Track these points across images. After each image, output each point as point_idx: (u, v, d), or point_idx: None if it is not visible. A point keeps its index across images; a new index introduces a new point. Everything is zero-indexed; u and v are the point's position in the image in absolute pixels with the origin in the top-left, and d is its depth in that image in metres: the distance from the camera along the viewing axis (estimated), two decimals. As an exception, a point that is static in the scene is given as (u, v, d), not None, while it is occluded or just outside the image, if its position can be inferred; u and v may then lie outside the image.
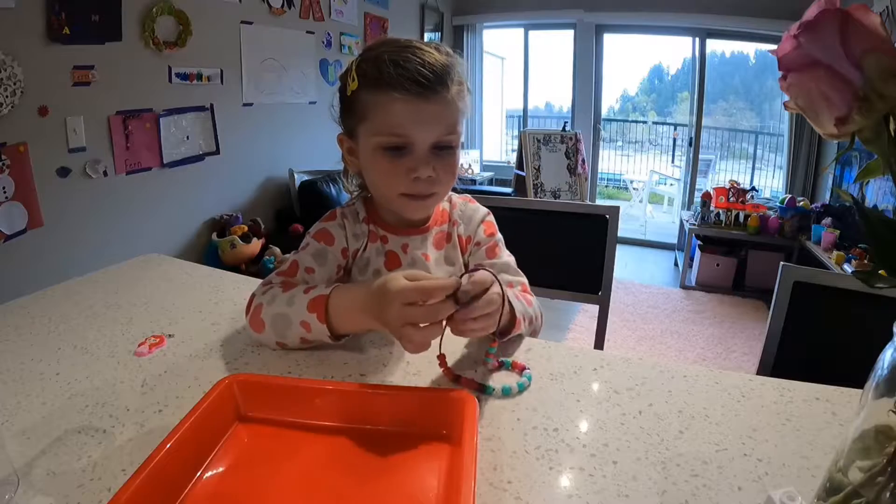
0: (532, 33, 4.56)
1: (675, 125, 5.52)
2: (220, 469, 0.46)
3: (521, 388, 0.58)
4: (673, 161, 5.45)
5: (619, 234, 1.20)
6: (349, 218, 0.78)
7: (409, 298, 0.53)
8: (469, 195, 0.88)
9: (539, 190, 3.92)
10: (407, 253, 0.79)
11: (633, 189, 5.80)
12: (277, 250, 2.44)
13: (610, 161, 6.03)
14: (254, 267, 2.38)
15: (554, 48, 4.63)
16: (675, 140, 5.38)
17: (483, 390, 0.58)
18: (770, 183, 4.81)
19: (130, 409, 0.55)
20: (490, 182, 4.59)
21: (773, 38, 3.59)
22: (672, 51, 6.44)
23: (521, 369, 0.63)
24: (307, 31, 2.92)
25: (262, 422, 0.52)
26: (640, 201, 5.35)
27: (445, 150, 0.69)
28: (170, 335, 0.71)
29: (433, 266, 0.79)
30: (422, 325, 0.54)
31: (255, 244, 2.40)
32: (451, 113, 0.68)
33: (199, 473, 0.45)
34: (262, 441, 0.50)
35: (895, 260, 0.31)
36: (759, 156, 5.27)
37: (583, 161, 4.06)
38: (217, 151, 2.45)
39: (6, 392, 0.58)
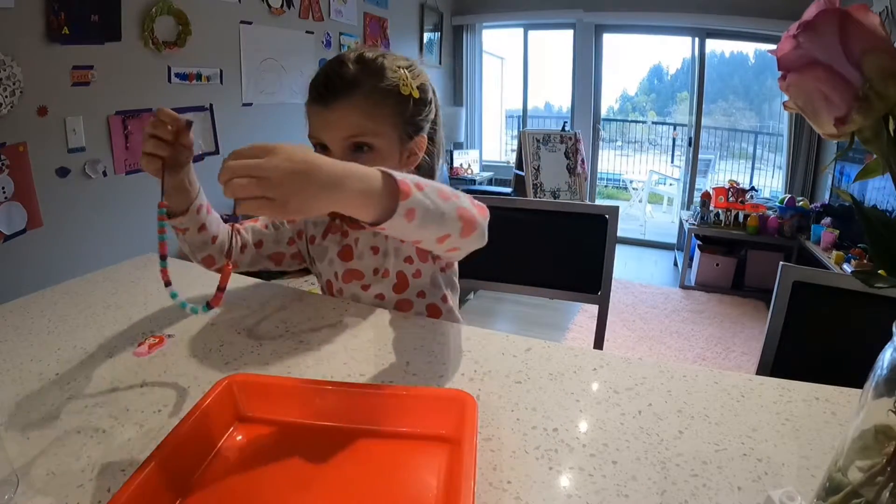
0: (531, 33, 4.56)
1: (675, 125, 5.53)
2: (220, 469, 0.46)
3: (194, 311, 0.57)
4: (672, 161, 5.46)
5: (619, 233, 1.20)
6: None
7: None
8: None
9: (538, 190, 3.92)
10: (358, 246, 0.84)
11: (633, 189, 5.80)
12: (277, 250, 2.44)
13: (609, 161, 6.03)
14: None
15: (553, 48, 4.64)
16: (674, 140, 5.39)
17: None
18: (769, 183, 4.82)
19: (130, 409, 0.55)
20: (489, 182, 4.59)
21: (773, 38, 3.59)
22: (671, 51, 6.47)
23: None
24: (306, 31, 2.92)
25: (262, 422, 0.52)
26: (640, 201, 5.35)
27: (363, 149, 0.73)
28: (169, 335, 0.71)
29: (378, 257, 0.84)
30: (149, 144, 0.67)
31: (255, 244, 2.39)
32: (355, 115, 0.71)
33: (198, 473, 0.45)
34: (261, 441, 0.50)
35: (894, 260, 0.31)
36: (759, 156, 5.28)
37: (582, 161, 4.06)
38: (217, 151, 2.44)
39: (6, 392, 0.58)
